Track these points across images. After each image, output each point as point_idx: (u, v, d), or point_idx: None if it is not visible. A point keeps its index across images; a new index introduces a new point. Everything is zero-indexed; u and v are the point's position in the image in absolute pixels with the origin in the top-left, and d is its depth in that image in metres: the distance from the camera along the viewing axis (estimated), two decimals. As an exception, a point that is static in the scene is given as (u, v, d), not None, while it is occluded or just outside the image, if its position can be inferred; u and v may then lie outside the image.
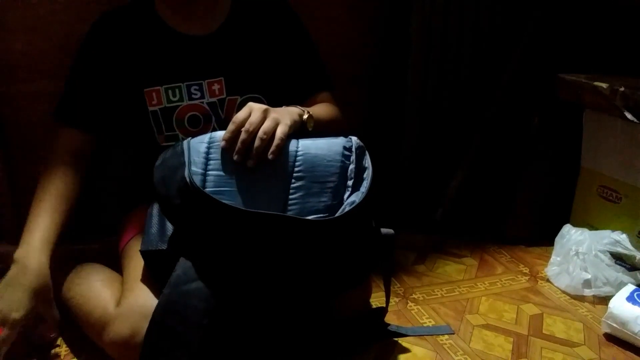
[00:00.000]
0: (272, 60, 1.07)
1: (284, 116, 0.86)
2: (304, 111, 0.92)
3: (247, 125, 0.82)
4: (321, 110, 1.01)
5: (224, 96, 1.04)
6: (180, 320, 0.79)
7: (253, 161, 0.82)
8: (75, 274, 1.03)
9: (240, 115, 0.83)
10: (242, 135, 0.81)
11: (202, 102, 1.02)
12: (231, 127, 0.82)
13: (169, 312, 0.79)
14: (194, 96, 1.02)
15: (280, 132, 0.83)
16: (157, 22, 1.03)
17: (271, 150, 0.82)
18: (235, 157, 0.82)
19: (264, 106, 0.85)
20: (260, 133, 0.82)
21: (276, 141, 0.82)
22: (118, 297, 0.90)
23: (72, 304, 0.97)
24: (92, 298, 0.94)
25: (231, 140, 0.82)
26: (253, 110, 0.84)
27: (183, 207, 0.81)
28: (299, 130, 0.90)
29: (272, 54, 1.07)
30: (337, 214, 0.82)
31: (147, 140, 1.03)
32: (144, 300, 0.83)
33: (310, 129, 0.92)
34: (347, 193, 0.86)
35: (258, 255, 0.80)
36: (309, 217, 0.82)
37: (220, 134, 0.84)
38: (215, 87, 1.03)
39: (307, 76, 1.11)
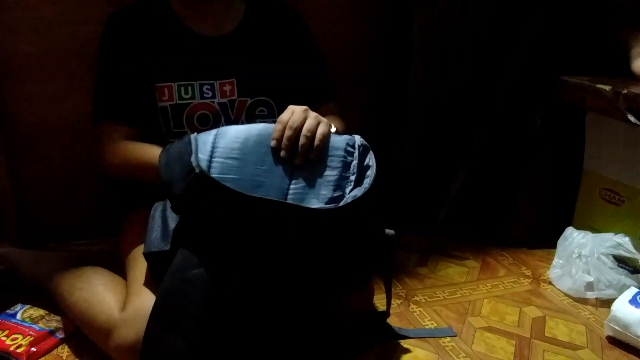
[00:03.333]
0: (282, 66, 1.10)
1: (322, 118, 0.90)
2: (330, 125, 0.95)
3: (290, 123, 0.85)
4: (336, 124, 1.04)
5: (235, 97, 1.06)
6: (178, 308, 0.79)
7: (299, 159, 0.85)
8: (76, 278, 1.02)
9: (284, 116, 0.87)
10: (287, 132, 0.84)
11: (213, 102, 1.04)
12: (278, 126, 0.85)
13: (169, 300, 0.80)
14: (205, 95, 1.04)
15: (320, 132, 0.86)
16: (173, 20, 1.05)
17: (312, 152, 0.85)
18: (282, 154, 0.84)
19: (304, 107, 0.88)
20: (304, 131, 0.85)
21: (316, 142, 0.86)
22: (122, 301, 0.90)
23: (75, 309, 0.97)
24: (96, 303, 0.93)
25: (279, 138, 0.85)
26: (295, 111, 0.87)
27: (185, 194, 0.81)
28: None
29: (283, 61, 1.10)
30: (338, 205, 0.83)
31: (153, 136, 1.04)
32: (150, 304, 0.83)
33: None
34: (350, 187, 0.86)
35: (258, 242, 0.81)
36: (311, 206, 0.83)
37: (228, 127, 0.86)
38: (227, 87, 1.05)
39: (316, 87, 1.14)
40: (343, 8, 1.42)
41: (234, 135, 0.85)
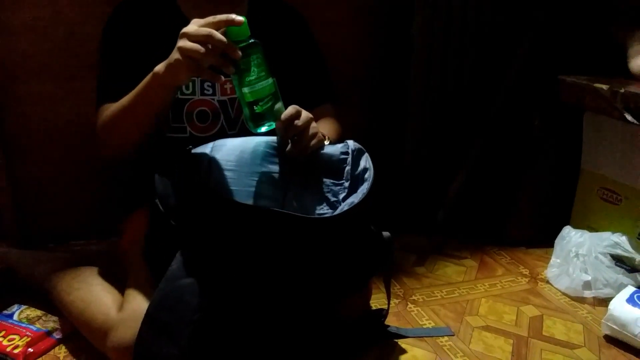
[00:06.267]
0: (283, 66, 1.09)
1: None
2: (325, 137, 0.96)
3: (297, 121, 0.86)
4: (332, 131, 1.05)
5: (235, 96, 1.05)
6: (172, 314, 0.79)
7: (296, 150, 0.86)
8: (73, 278, 1.02)
9: (296, 106, 0.87)
10: (296, 122, 0.85)
11: (213, 99, 1.04)
12: (291, 110, 0.86)
13: (163, 307, 0.80)
14: (206, 92, 1.04)
15: (314, 143, 0.88)
16: (178, 15, 1.04)
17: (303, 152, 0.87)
18: (282, 132, 0.87)
19: (310, 115, 0.89)
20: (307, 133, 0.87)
21: (308, 150, 0.87)
22: (119, 301, 0.90)
23: (72, 309, 0.97)
24: (93, 303, 0.93)
25: (288, 120, 0.85)
26: (303, 112, 0.88)
27: (183, 204, 0.82)
28: None
29: (284, 61, 1.10)
30: (335, 213, 0.83)
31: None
32: (147, 305, 0.83)
33: None
34: (343, 194, 0.87)
35: (254, 251, 0.81)
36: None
37: (224, 140, 0.88)
38: (227, 85, 1.05)
39: (314, 87, 1.14)
40: (343, 8, 1.42)
41: (230, 147, 0.86)
